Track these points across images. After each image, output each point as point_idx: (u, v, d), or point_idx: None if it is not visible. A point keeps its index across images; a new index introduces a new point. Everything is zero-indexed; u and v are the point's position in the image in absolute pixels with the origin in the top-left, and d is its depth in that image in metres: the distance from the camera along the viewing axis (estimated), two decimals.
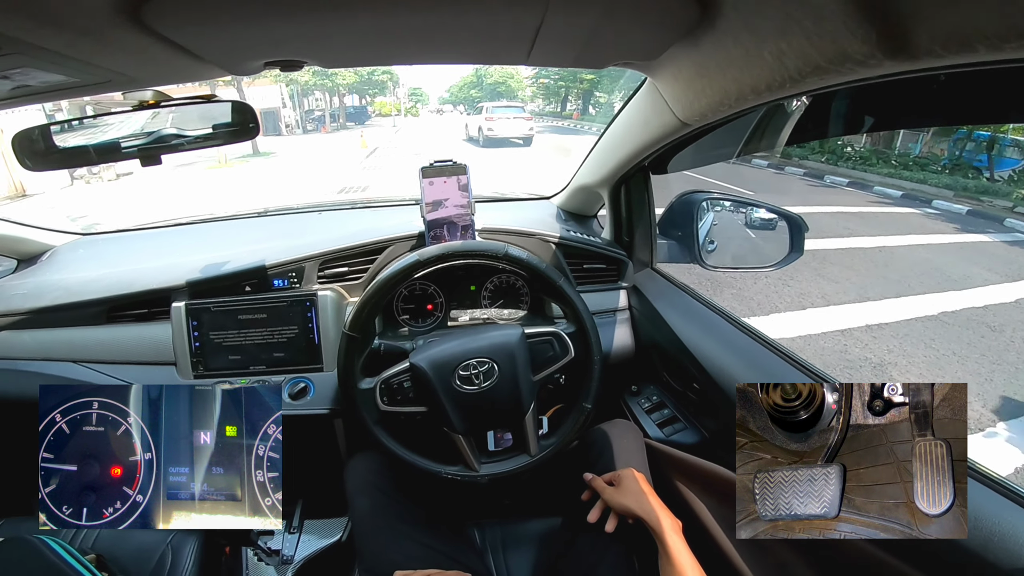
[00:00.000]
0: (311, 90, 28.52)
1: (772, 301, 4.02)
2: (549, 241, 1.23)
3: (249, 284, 1.14)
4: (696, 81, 0.67)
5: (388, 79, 35.25)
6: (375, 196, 1.74)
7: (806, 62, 0.48)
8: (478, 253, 0.91)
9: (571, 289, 0.94)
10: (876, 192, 8.96)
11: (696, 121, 0.78)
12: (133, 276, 1.17)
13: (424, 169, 1.13)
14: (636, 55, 0.71)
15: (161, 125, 0.78)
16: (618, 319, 1.25)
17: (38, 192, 10.14)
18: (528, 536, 1.04)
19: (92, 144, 0.78)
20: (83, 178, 11.18)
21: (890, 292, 4.24)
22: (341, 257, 1.18)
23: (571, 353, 0.93)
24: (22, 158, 0.77)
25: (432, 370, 0.88)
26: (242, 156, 15.07)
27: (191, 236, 1.52)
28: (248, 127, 0.81)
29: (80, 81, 0.62)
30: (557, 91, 34.40)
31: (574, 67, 0.77)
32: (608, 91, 29.94)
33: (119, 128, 0.78)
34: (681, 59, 0.66)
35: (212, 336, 1.11)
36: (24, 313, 1.14)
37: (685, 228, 1.28)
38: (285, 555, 1.25)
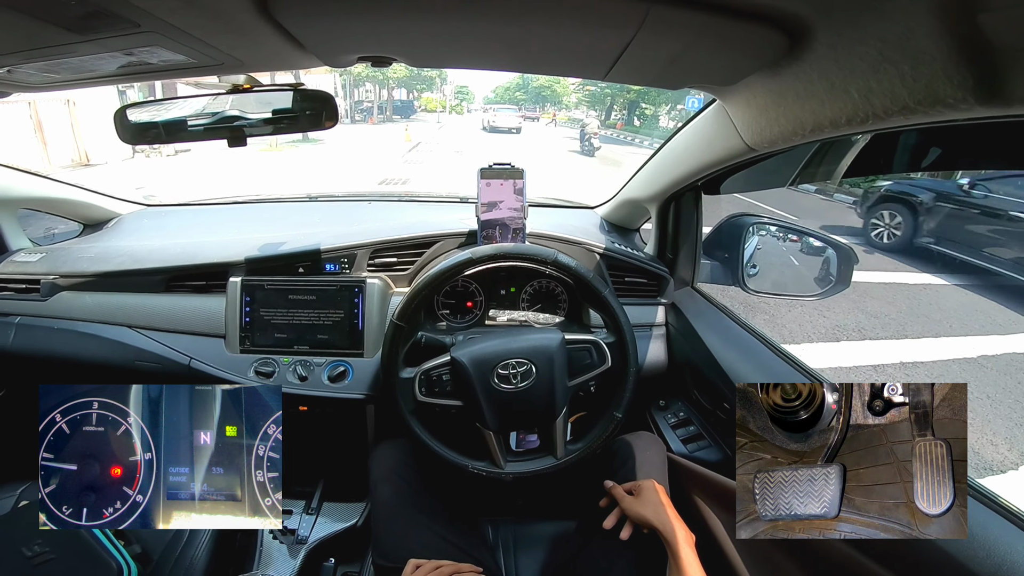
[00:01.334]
0: (362, 81, 29.16)
1: (805, 330, 3.91)
2: (594, 251, 1.24)
3: (303, 266, 1.18)
4: (771, 109, 0.67)
5: (436, 76, 35.68)
6: (415, 190, 1.77)
7: (894, 101, 0.48)
8: (529, 257, 0.93)
9: (615, 301, 0.95)
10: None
11: (764, 148, 0.77)
12: (194, 249, 1.22)
13: (483, 170, 1.15)
14: (714, 80, 0.71)
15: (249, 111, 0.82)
16: (653, 334, 1.25)
17: (101, 162, 10.58)
18: (540, 537, 1.05)
19: (188, 124, 0.83)
20: (143, 151, 11.60)
21: (930, 331, 4.07)
22: (392, 247, 1.21)
23: (608, 363, 0.94)
24: (123, 132, 0.82)
25: (473, 366, 0.90)
26: (292, 142, 15.54)
27: (248, 215, 1.58)
28: (327, 117, 0.84)
29: (196, 62, 0.65)
30: (603, 99, 34.19)
31: (649, 85, 0.78)
32: (654, 103, 29.60)
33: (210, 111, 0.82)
34: (758, 86, 0.66)
35: (262, 313, 1.16)
36: (90, 276, 1.20)
37: (731, 250, 1.27)
38: (300, 535, 1.28)
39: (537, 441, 1.03)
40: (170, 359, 1.15)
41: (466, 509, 1.03)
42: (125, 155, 11.32)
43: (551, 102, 48.02)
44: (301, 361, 1.15)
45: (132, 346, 1.16)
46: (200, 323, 1.18)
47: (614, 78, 0.72)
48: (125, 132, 0.82)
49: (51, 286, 1.20)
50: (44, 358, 1.18)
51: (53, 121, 9.75)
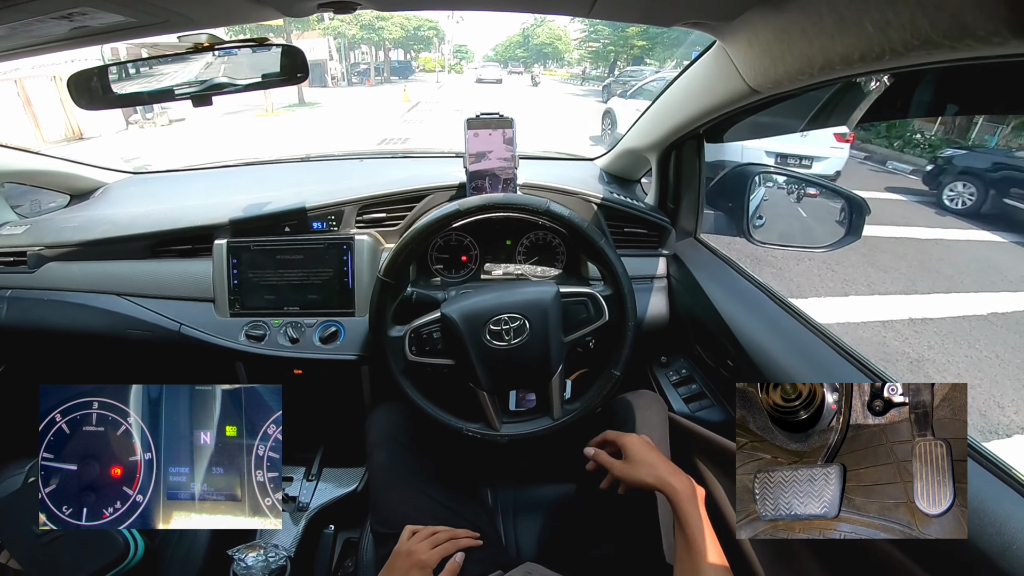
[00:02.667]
0: (358, 44, 28.57)
1: (813, 284, 3.88)
2: (591, 201, 1.19)
3: (288, 225, 1.15)
4: (774, 46, 0.61)
5: (434, 35, 34.92)
6: (415, 147, 1.73)
7: (915, 34, 0.42)
8: (519, 206, 0.89)
9: (611, 251, 0.91)
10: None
11: (768, 89, 0.71)
12: (179, 213, 1.19)
13: (470, 120, 1.10)
14: (710, 14, 0.65)
15: (214, 73, 0.80)
16: (655, 286, 1.22)
17: (94, 135, 10.52)
18: (540, 501, 1.04)
19: (146, 90, 0.81)
20: (137, 123, 11.54)
21: (940, 287, 4.03)
22: (380, 203, 1.17)
23: (605, 316, 0.91)
24: (78, 98, 0.79)
25: (463, 322, 0.87)
26: (288, 106, 15.42)
27: (236, 177, 1.55)
28: (297, 71, 0.82)
29: (138, 21, 0.62)
30: (606, 56, 33.17)
31: (638, 23, 0.72)
32: (660, 59, 28.72)
33: (174, 75, 0.80)
34: (759, 22, 0.61)
35: (250, 275, 1.13)
36: (74, 245, 1.18)
37: (736, 200, 1.23)
38: (301, 502, 1.28)
39: (535, 400, 1.01)
40: (160, 326, 1.13)
41: (464, 473, 1.02)
42: (119, 127, 11.28)
43: (553, 59, 46.83)
44: (292, 323, 1.13)
45: (122, 314, 1.15)
46: (188, 288, 1.15)
47: (599, 14, 0.66)
48: (80, 99, 0.80)
49: (38, 257, 1.19)
50: (38, 331, 1.18)
51: (42, 97, 9.69)
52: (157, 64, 0.81)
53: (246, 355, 1.12)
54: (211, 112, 13.11)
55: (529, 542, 0.99)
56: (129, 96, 0.81)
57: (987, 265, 4.59)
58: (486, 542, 0.86)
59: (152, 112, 11.53)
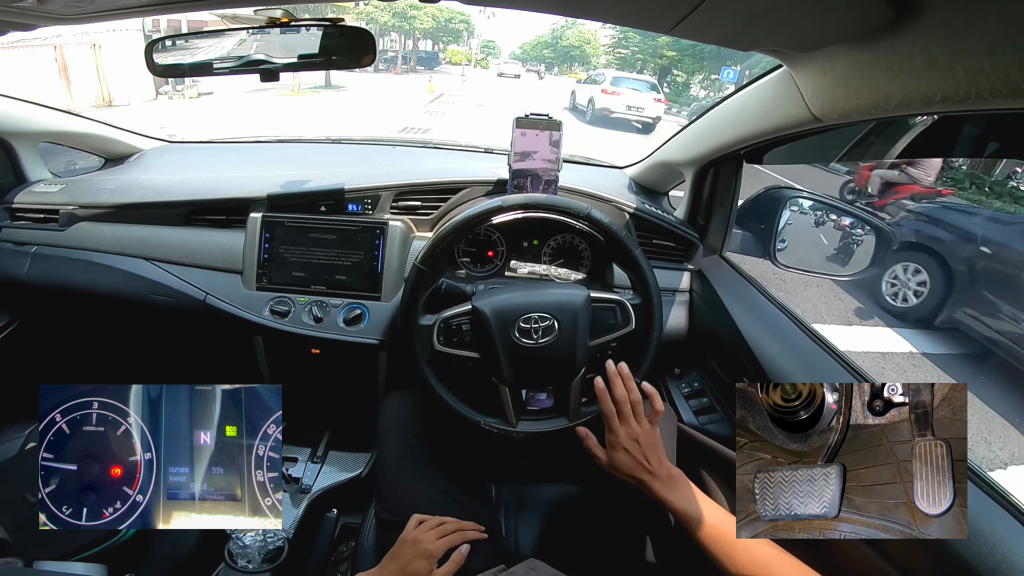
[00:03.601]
0: (388, 31, 28.59)
1: (819, 310, 3.87)
2: (624, 210, 1.20)
3: (325, 204, 1.16)
4: (852, 80, 0.60)
5: (464, 28, 34.98)
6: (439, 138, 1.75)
7: (1006, 83, 0.42)
8: (562, 209, 0.89)
9: (646, 262, 0.91)
10: None
11: (833, 120, 0.70)
12: (216, 184, 1.20)
13: (519, 119, 1.11)
14: (792, 45, 0.64)
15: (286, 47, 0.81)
16: (676, 300, 1.22)
17: (124, 103, 10.62)
18: (543, 500, 1.05)
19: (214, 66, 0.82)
20: (167, 94, 11.61)
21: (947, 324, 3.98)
22: (417, 191, 1.18)
23: (632, 324, 0.91)
24: (152, 63, 0.82)
25: (494, 317, 0.87)
26: (314, 87, 15.51)
27: (272, 153, 1.56)
28: (365, 54, 0.82)
29: None
30: (633, 63, 33.08)
31: (715, 44, 0.71)
32: (688, 71, 28.62)
33: (245, 47, 0.82)
34: (841, 55, 0.59)
35: (281, 250, 1.14)
36: (109, 207, 1.19)
37: (766, 222, 1.22)
38: (304, 484, 1.29)
39: (547, 400, 1.02)
40: (185, 293, 1.14)
41: (473, 466, 1.03)
42: (148, 96, 11.37)
43: (579, 62, 46.65)
44: (317, 302, 1.14)
45: (147, 279, 1.16)
46: (218, 258, 1.17)
47: (679, 33, 0.65)
48: (154, 67, 0.82)
49: (70, 216, 1.20)
50: (58, 288, 1.19)
51: (78, 64, 9.85)
52: (231, 35, 0.82)
53: (268, 330, 1.13)
54: (238, 88, 13.13)
55: (530, 539, 0.99)
56: (199, 67, 0.83)
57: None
58: (489, 536, 0.87)
59: (183, 84, 11.60)
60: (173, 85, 11.50)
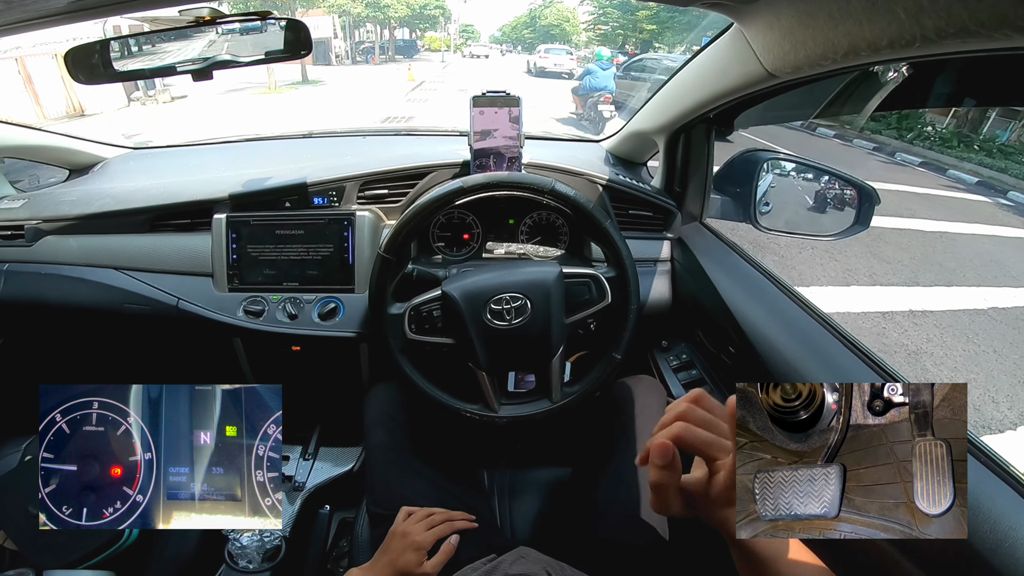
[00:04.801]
0: (363, 22, 28.24)
1: (815, 273, 3.87)
2: (596, 182, 1.18)
3: (289, 200, 1.13)
4: (797, 31, 0.59)
5: (440, 14, 34.49)
6: (418, 125, 1.72)
7: (950, 22, 0.40)
8: (524, 185, 0.87)
9: (616, 232, 0.89)
10: (949, 176, 8.36)
11: (787, 74, 0.68)
12: (179, 187, 1.18)
13: (475, 98, 1.08)
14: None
15: (216, 49, 0.78)
16: (658, 270, 1.20)
17: (96, 112, 10.44)
18: (536, 484, 1.04)
19: (148, 67, 0.79)
20: (139, 99, 11.41)
21: (942, 280, 4.03)
22: (382, 179, 1.15)
23: (608, 298, 0.90)
24: (76, 73, 0.78)
25: (464, 301, 0.86)
26: (291, 83, 15.32)
27: (238, 153, 1.53)
28: (300, 46, 0.80)
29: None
30: (614, 38, 32.74)
31: (657, 1, 0.68)
32: (670, 44, 28.34)
33: (176, 51, 0.79)
34: (782, 5, 0.58)
35: (250, 250, 1.12)
36: (72, 219, 1.16)
37: (743, 186, 1.20)
38: (297, 481, 1.29)
39: (535, 382, 1.00)
40: (158, 300, 1.12)
41: (462, 454, 1.02)
42: (120, 103, 11.19)
43: (560, 40, 46.19)
44: (291, 298, 1.12)
45: (119, 288, 1.14)
46: (187, 262, 1.15)
47: None
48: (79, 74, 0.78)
49: (35, 231, 1.17)
50: (35, 305, 1.17)
51: (42, 75, 9.58)
52: (159, 39, 0.79)
53: (244, 331, 1.11)
54: (213, 89, 13.02)
55: (525, 524, 0.98)
56: (130, 72, 0.80)
57: (989, 260, 4.57)
58: (481, 524, 0.86)
59: (154, 89, 11.43)
60: (144, 90, 11.32)
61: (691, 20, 23.48)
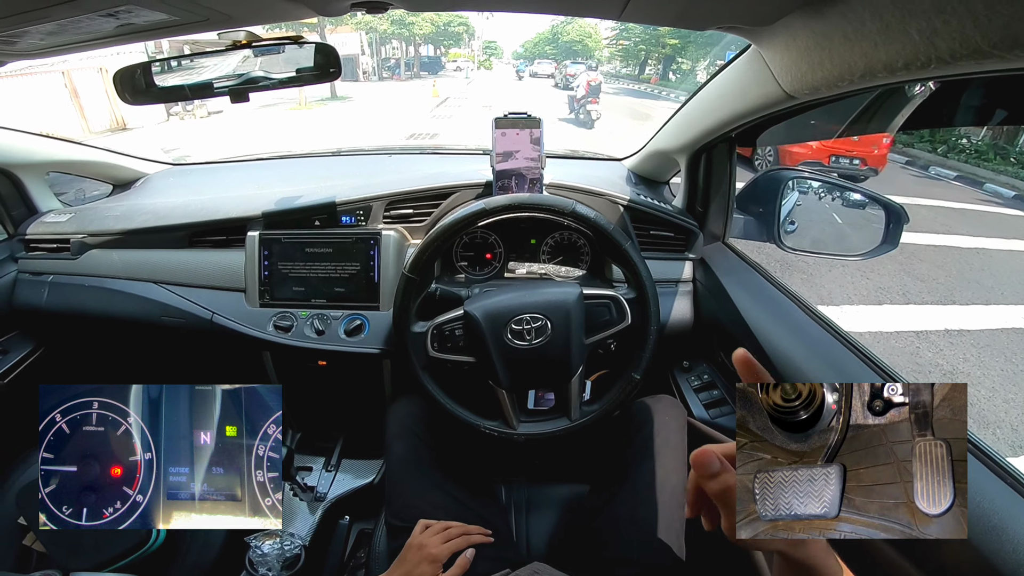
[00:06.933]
0: (388, 39, 28.91)
1: (846, 292, 3.76)
2: (617, 203, 1.18)
3: (319, 219, 1.16)
4: (813, 52, 0.59)
5: (464, 31, 35.14)
6: (443, 143, 1.76)
7: (964, 44, 0.41)
8: (545, 207, 0.88)
9: (636, 254, 0.90)
10: (986, 190, 8.06)
11: (805, 95, 0.69)
12: (215, 204, 1.22)
13: (497, 120, 1.10)
14: (745, 18, 0.63)
15: (250, 67, 0.83)
16: (679, 290, 1.20)
17: (137, 126, 10.92)
18: (553, 500, 1.04)
19: (187, 84, 0.84)
20: (178, 115, 11.94)
21: (979, 298, 3.86)
22: (408, 199, 1.18)
23: (628, 320, 0.90)
24: (123, 93, 0.83)
25: (485, 321, 0.87)
26: (321, 99, 15.78)
27: (271, 170, 1.58)
28: (330, 68, 0.84)
29: (180, 20, 0.64)
30: (636, 54, 32.86)
31: (671, 26, 0.70)
32: (693, 59, 28.30)
33: (213, 70, 0.83)
34: (798, 27, 0.59)
35: (280, 267, 1.16)
36: (116, 234, 1.22)
37: (767, 205, 1.19)
38: (319, 492, 1.31)
39: (554, 400, 1.01)
40: (193, 314, 1.17)
41: (480, 469, 1.03)
42: (160, 118, 11.71)
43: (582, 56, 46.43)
44: (318, 315, 1.15)
45: (158, 301, 1.18)
46: (221, 278, 1.19)
47: (630, 17, 0.64)
48: (125, 94, 0.84)
49: (80, 245, 1.23)
50: (76, 315, 1.22)
51: (88, 88, 10.08)
52: (198, 60, 0.84)
53: (273, 345, 1.14)
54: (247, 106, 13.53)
55: (540, 540, 0.98)
56: (171, 90, 0.85)
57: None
58: (497, 539, 0.87)
59: (192, 105, 11.91)
60: (183, 106, 11.80)
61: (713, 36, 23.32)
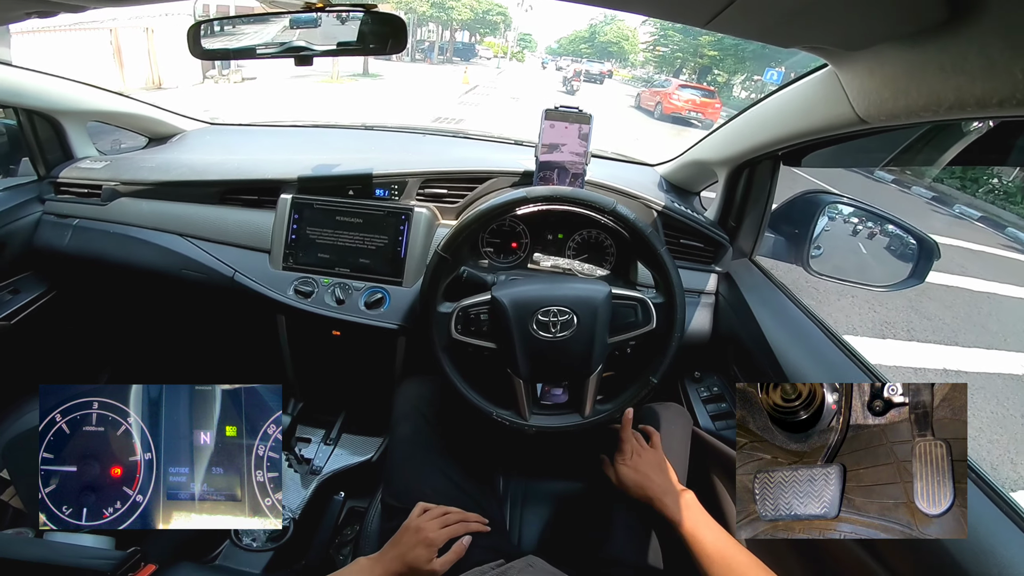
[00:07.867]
0: (426, 21, 28.78)
1: (852, 322, 3.75)
2: (652, 208, 1.18)
3: (353, 188, 1.17)
4: (900, 81, 0.56)
5: (501, 20, 34.87)
6: (470, 129, 1.76)
7: None
8: (587, 203, 0.88)
9: (670, 260, 0.89)
10: (1007, 234, 7.91)
11: (881, 121, 0.66)
12: (250, 165, 1.23)
13: (548, 111, 1.10)
14: (836, 42, 0.61)
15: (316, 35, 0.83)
16: (701, 301, 1.19)
17: (172, 86, 11.06)
18: (550, 494, 1.04)
19: (256, 50, 0.85)
20: (213, 78, 12.04)
21: (982, 343, 3.84)
22: (444, 179, 1.18)
23: (652, 323, 0.89)
24: (194, 47, 0.84)
25: (513, 308, 0.86)
26: (352, 75, 15.89)
27: (306, 137, 1.60)
28: (395, 40, 0.83)
29: None
30: (672, 61, 32.53)
31: (754, 40, 0.67)
32: (730, 71, 27.94)
33: (281, 33, 0.84)
34: (889, 54, 0.56)
35: (308, 232, 1.16)
36: (149, 184, 1.23)
37: (801, 227, 1.17)
38: (315, 465, 1.31)
39: (562, 396, 1.01)
40: (215, 270, 1.18)
41: (482, 457, 1.02)
42: (195, 80, 11.83)
43: (617, 58, 46.08)
44: (340, 284, 1.15)
45: (180, 254, 1.19)
46: (248, 237, 1.19)
47: (716, 27, 0.62)
48: (196, 49, 0.84)
49: (112, 192, 1.25)
50: (96, 260, 1.24)
51: (132, 47, 10.32)
52: (270, 19, 0.84)
53: (291, 309, 1.15)
54: (280, 75, 13.56)
55: (533, 533, 0.99)
56: (240, 51, 0.86)
57: None
58: (493, 529, 0.86)
59: (228, 69, 12.04)
60: (219, 70, 11.91)
61: (755, 49, 23.08)
